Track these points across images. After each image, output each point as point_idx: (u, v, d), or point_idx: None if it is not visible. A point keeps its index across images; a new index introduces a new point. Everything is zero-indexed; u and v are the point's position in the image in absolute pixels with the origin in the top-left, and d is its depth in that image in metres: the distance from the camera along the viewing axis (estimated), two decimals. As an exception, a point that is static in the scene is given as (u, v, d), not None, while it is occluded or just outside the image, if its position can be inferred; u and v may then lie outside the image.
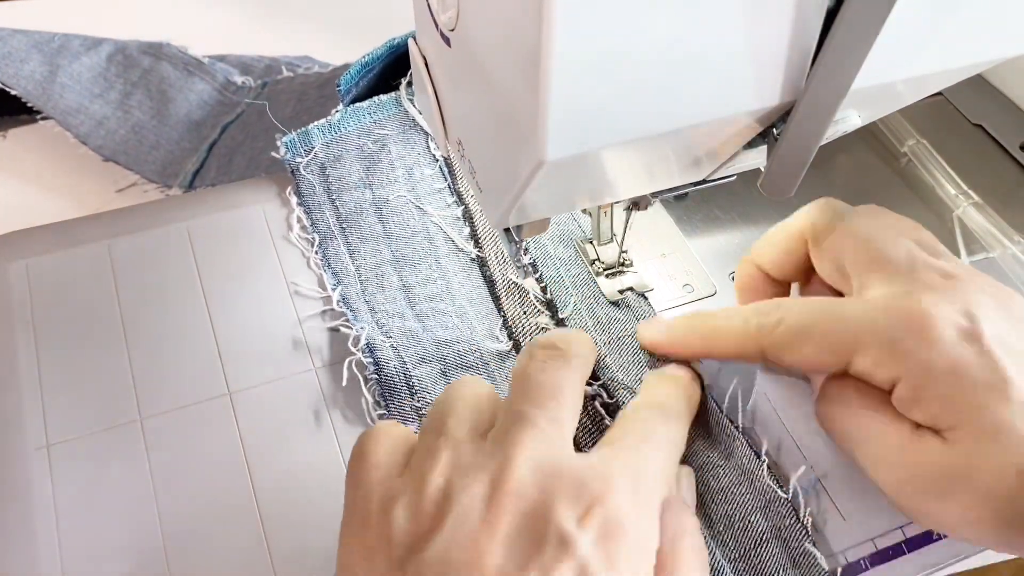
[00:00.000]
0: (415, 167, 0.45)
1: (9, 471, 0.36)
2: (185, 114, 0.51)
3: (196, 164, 0.49)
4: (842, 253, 0.33)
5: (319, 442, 0.37)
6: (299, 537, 0.35)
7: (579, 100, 0.24)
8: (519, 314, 0.40)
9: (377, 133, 0.45)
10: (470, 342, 0.39)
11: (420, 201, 0.44)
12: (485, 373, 0.39)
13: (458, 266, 0.42)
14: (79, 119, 0.50)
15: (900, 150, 0.50)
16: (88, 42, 0.52)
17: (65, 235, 0.44)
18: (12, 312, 0.40)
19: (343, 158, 0.44)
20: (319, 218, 0.43)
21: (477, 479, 0.27)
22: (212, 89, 0.52)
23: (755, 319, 0.33)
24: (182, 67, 0.52)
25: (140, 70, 0.52)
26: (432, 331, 0.40)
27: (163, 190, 0.49)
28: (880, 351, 0.30)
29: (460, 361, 0.39)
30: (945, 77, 0.30)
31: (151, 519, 0.35)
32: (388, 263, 0.42)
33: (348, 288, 0.41)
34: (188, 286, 0.42)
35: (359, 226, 0.43)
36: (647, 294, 0.41)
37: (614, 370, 0.38)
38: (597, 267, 0.42)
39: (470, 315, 0.41)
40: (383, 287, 0.41)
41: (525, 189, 0.28)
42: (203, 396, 0.38)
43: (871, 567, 0.34)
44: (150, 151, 0.50)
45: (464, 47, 0.28)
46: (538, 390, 0.30)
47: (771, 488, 0.34)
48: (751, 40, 0.24)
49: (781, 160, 0.28)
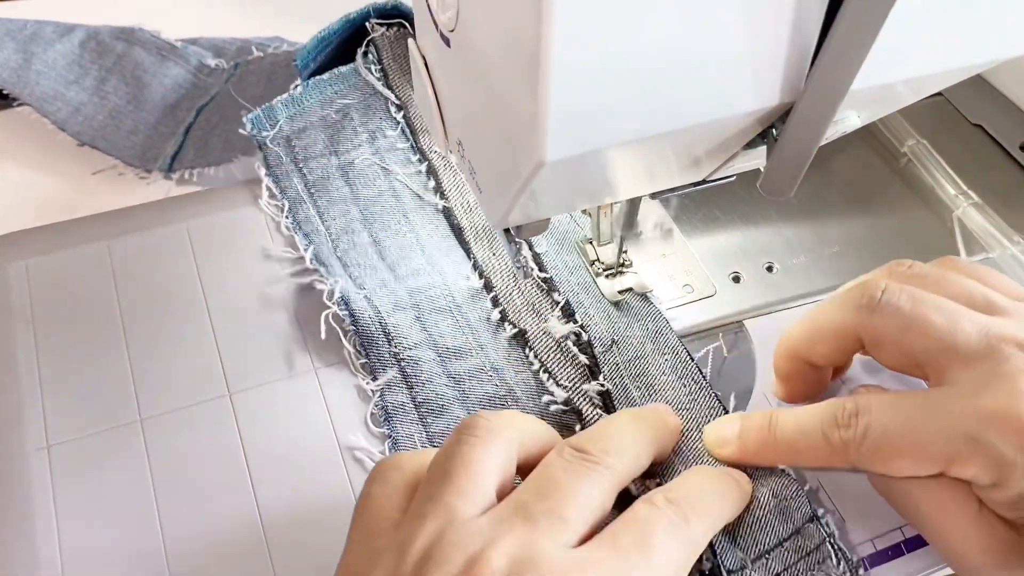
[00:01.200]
0: (377, 131, 0.46)
1: (9, 471, 0.36)
2: (160, 98, 0.51)
3: (174, 147, 0.49)
4: (911, 350, 0.31)
5: (319, 442, 0.37)
6: (299, 537, 0.35)
7: (579, 100, 0.24)
8: (488, 256, 0.42)
9: (339, 103, 0.46)
10: (442, 287, 0.41)
11: (384, 162, 0.45)
12: (458, 314, 0.40)
13: (425, 219, 0.44)
14: (56, 105, 0.51)
15: (900, 150, 0.50)
16: (60, 29, 0.53)
17: (65, 235, 0.44)
18: (12, 312, 0.40)
19: (307, 129, 0.46)
20: (288, 185, 0.44)
21: (454, 560, 0.26)
22: (186, 72, 0.53)
23: (836, 433, 0.31)
24: (155, 51, 0.53)
25: (114, 55, 0.52)
26: (404, 280, 0.41)
27: (142, 175, 0.49)
28: (984, 463, 0.28)
29: (433, 305, 0.40)
30: (945, 77, 0.30)
31: (151, 519, 0.35)
32: (357, 221, 0.43)
33: (320, 247, 0.42)
34: (188, 286, 0.42)
35: (327, 190, 0.44)
36: (648, 294, 0.41)
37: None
38: (597, 267, 0.42)
39: (440, 262, 0.42)
40: (354, 244, 0.42)
41: (525, 189, 0.28)
42: (203, 396, 0.38)
43: (871, 567, 0.34)
44: (128, 136, 0.50)
45: (464, 47, 0.28)
46: (551, 486, 0.28)
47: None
48: (751, 40, 0.24)
49: (781, 160, 0.28)
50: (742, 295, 0.43)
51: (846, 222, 0.47)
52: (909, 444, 0.29)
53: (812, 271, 0.44)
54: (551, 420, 0.37)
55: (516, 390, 0.38)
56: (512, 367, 0.39)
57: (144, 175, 0.49)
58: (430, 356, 0.39)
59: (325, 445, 0.37)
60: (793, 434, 0.32)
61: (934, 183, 0.49)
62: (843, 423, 0.31)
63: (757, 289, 0.43)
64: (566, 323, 0.39)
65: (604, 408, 0.37)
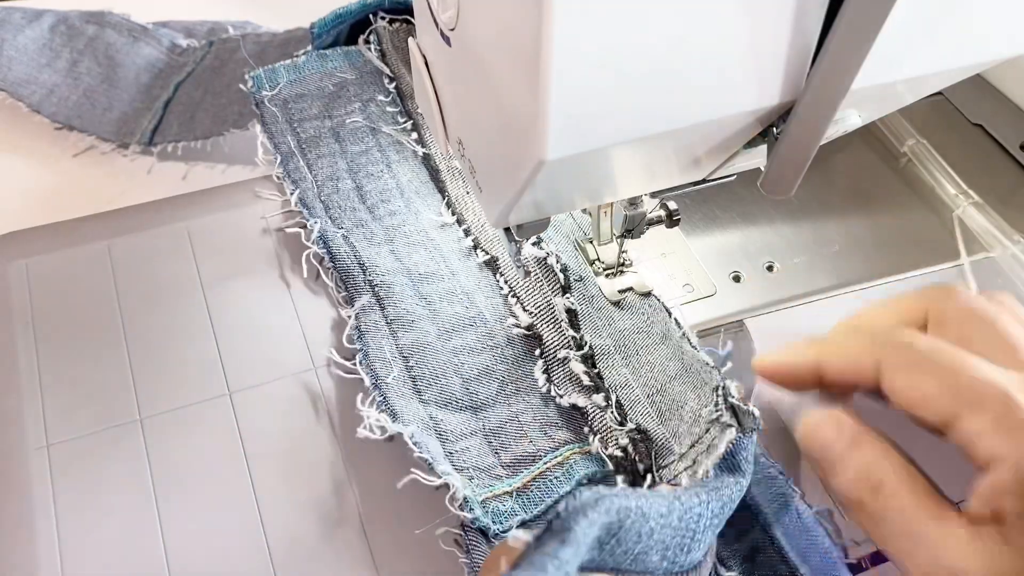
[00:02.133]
0: (371, 100, 0.49)
1: (9, 471, 0.36)
2: (134, 77, 0.52)
3: (152, 121, 0.50)
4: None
5: (319, 442, 0.37)
6: (298, 537, 0.35)
7: (579, 100, 0.24)
8: (462, 194, 0.45)
9: (337, 76, 0.49)
10: (416, 224, 0.44)
11: (374, 123, 0.48)
12: (431, 246, 0.43)
13: (407, 168, 0.47)
14: (30, 89, 0.51)
15: (900, 150, 0.50)
16: (29, 14, 0.53)
17: (65, 235, 0.44)
18: (12, 312, 0.40)
19: (305, 96, 0.48)
20: (281, 141, 0.47)
21: None
22: (159, 53, 0.53)
23: (885, 336, 0.30)
24: (127, 33, 0.53)
25: (85, 38, 0.53)
26: (382, 220, 0.44)
27: (122, 152, 0.50)
28: (997, 421, 0.27)
29: (407, 240, 0.44)
30: (945, 77, 0.30)
31: (151, 519, 0.35)
32: (343, 171, 0.46)
33: (306, 192, 0.45)
34: (188, 286, 0.42)
35: (317, 146, 0.47)
36: (648, 293, 0.41)
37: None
38: (597, 267, 0.42)
39: (416, 203, 0.45)
40: (338, 189, 0.45)
41: (525, 189, 0.28)
42: (203, 396, 0.38)
43: (871, 567, 0.34)
44: (103, 113, 0.51)
45: (464, 47, 0.28)
46: None
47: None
48: (751, 40, 0.24)
49: (781, 160, 0.28)
50: (742, 295, 0.43)
51: (846, 222, 0.47)
52: (947, 369, 0.28)
53: (812, 270, 0.44)
54: (518, 342, 0.40)
55: (485, 313, 0.41)
56: (482, 292, 0.42)
57: (125, 152, 0.50)
58: (402, 280, 0.42)
59: (325, 444, 0.37)
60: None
61: (934, 183, 0.49)
62: (896, 333, 0.30)
63: (757, 288, 0.43)
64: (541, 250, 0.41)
65: (572, 325, 0.39)
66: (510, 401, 0.39)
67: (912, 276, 0.44)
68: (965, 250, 0.45)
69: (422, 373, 0.39)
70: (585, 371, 0.38)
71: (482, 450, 0.37)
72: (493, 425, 0.38)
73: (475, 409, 0.38)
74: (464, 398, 0.38)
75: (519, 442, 0.37)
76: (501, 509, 0.35)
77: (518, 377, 0.39)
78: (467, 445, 0.37)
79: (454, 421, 0.38)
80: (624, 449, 0.36)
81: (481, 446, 0.37)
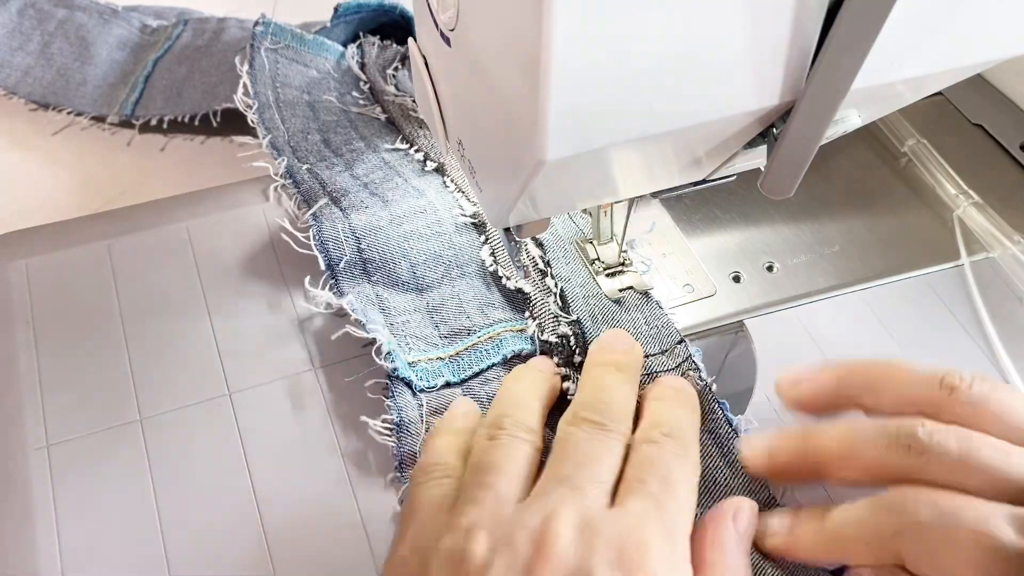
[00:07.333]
0: (347, 94, 0.51)
1: (9, 471, 0.36)
2: (107, 54, 0.53)
3: (131, 93, 0.51)
4: None
5: (319, 442, 0.37)
6: (299, 537, 0.35)
7: (579, 100, 0.24)
8: (415, 129, 0.48)
9: (324, 68, 0.52)
10: (376, 157, 0.47)
11: (345, 105, 0.50)
12: (387, 168, 0.46)
13: (372, 128, 0.49)
14: (4, 72, 0.52)
15: (900, 150, 0.50)
16: None
17: (65, 235, 0.44)
18: (12, 312, 0.40)
19: (294, 64, 0.51)
20: (261, 91, 0.49)
21: (518, 541, 0.28)
22: (129, 32, 0.54)
23: (886, 518, 0.29)
24: (97, 15, 0.55)
25: (55, 21, 0.54)
26: (343, 155, 0.47)
27: (102, 127, 0.50)
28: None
29: (368, 166, 0.46)
30: (945, 77, 0.30)
31: (151, 519, 0.35)
32: (314, 129, 0.49)
33: (277, 139, 0.47)
34: (188, 286, 0.42)
35: (293, 109, 0.49)
36: (648, 292, 0.41)
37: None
38: (597, 267, 0.42)
39: (375, 141, 0.48)
40: (307, 139, 0.48)
41: (525, 189, 0.28)
42: (203, 396, 0.38)
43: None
44: (78, 87, 0.52)
45: (464, 47, 0.28)
46: (583, 456, 0.31)
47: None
48: (751, 40, 0.24)
49: (781, 160, 0.28)
50: (742, 295, 0.43)
51: (846, 222, 0.47)
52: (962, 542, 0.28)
53: (812, 271, 0.44)
54: (465, 231, 0.43)
55: (436, 203, 0.44)
56: (433, 188, 0.44)
57: (103, 127, 0.50)
58: (360, 189, 0.44)
59: (325, 445, 0.37)
60: (837, 518, 0.31)
61: (934, 183, 0.49)
62: (896, 508, 0.30)
63: (757, 289, 0.43)
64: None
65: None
66: (454, 284, 0.42)
67: (912, 276, 0.44)
68: (965, 250, 0.45)
69: (372, 256, 0.41)
70: (541, 255, 0.41)
71: (423, 323, 0.41)
72: (435, 303, 0.41)
73: (420, 290, 0.42)
74: (410, 281, 0.41)
75: (457, 318, 0.41)
76: (430, 370, 0.39)
77: (464, 262, 0.42)
78: (408, 319, 0.40)
79: (400, 300, 0.41)
80: (563, 337, 0.39)
81: (422, 319, 0.41)
